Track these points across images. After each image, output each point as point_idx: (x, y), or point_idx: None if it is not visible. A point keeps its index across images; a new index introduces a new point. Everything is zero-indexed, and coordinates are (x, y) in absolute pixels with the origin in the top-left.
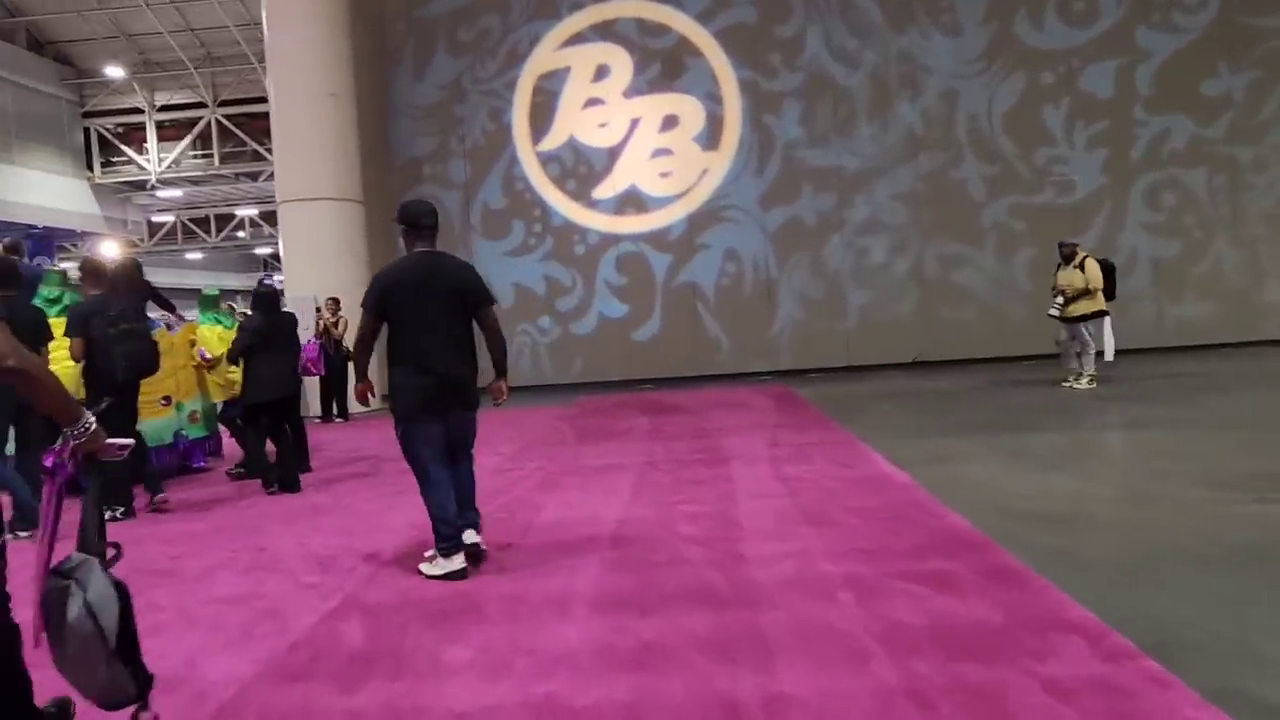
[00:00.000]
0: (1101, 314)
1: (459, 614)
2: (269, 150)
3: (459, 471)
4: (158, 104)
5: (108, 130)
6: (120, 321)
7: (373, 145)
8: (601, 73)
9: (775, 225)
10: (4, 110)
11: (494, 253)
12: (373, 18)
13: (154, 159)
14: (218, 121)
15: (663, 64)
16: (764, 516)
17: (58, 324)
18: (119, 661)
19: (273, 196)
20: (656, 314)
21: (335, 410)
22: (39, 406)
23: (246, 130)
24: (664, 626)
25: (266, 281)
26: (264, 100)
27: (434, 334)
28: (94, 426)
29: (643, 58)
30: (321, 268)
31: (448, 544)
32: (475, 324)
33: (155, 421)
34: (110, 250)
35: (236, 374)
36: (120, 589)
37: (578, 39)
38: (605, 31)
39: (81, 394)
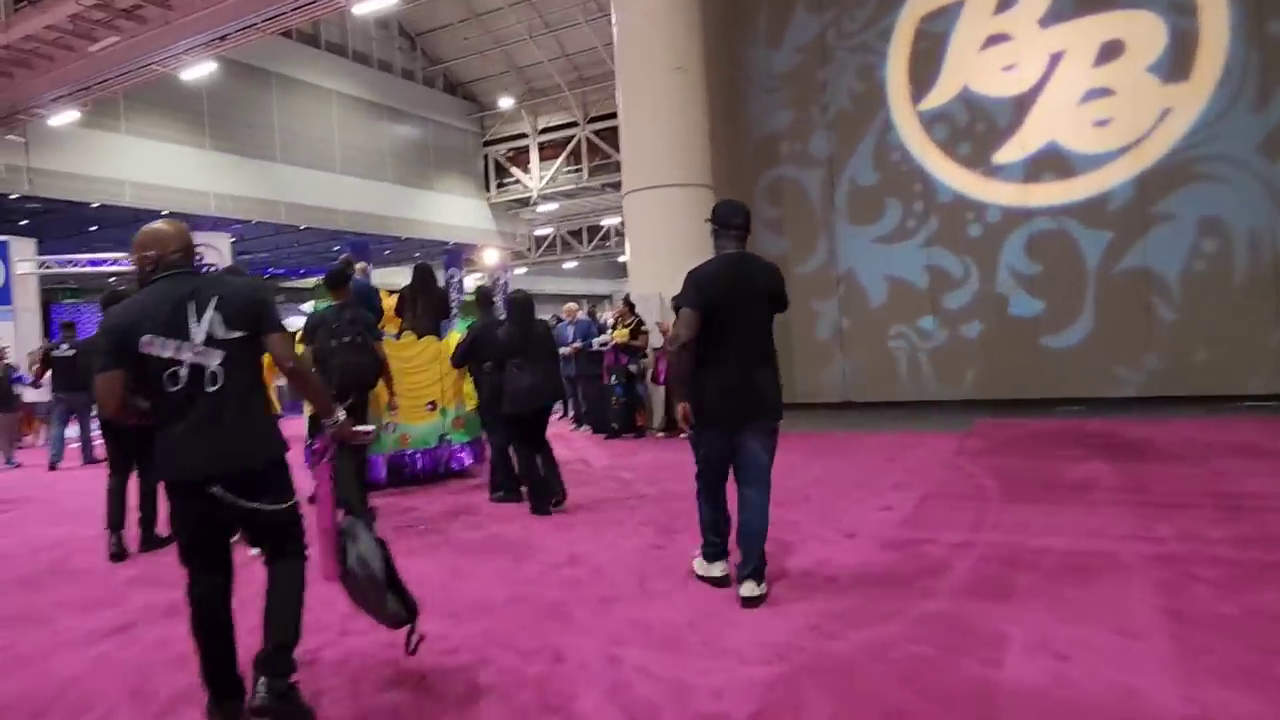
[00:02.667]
0: None
1: None
2: None
3: (749, 504)
4: (539, 127)
5: (501, 156)
6: (342, 334)
7: (723, 123)
8: (1007, 1)
9: None
10: (427, 145)
11: (862, 240)
12: None
13: (535, 177)
14: (587, 138)
15: None
16: None
17: None
18: (392, 594)
19: None
20: (1087, 312)
21: None
22: (307, 400)
23: (611, 143)
24: None
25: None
26: None
27: (741, 337)
28: (343, 418)
29: None
30: (668, 263)
31: (712, 549)
32: None
33: (420, 426)
34: (491, 259)
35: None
36: (380, 543)
37: None
38: None
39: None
